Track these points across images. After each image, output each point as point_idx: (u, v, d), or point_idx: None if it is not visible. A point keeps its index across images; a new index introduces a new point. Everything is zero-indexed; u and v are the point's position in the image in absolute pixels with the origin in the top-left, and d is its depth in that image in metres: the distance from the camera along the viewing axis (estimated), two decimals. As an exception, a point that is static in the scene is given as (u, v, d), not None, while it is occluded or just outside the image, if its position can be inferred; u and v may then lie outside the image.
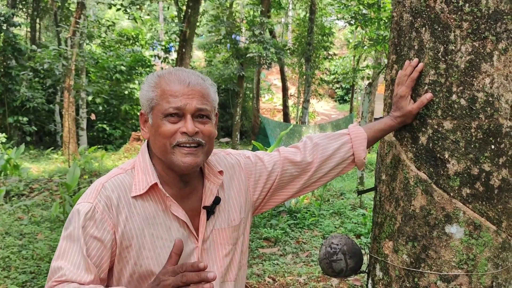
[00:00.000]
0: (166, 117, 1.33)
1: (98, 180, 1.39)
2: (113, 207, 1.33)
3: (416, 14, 1.65)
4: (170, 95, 1.33)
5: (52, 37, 23.87)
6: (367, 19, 9.48)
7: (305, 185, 1.64)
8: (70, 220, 1.33)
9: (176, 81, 1.35)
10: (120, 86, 18.79)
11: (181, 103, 1.32)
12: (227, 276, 1.49)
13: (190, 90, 1.34)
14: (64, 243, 1.30)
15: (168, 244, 1.36)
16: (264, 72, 29.14)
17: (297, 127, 15.48)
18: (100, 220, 1.31)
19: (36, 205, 7.47)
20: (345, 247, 1.84)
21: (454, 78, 1.57)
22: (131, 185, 1.37)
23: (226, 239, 1.48)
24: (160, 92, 1.35)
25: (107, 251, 1.32)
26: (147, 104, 1.37)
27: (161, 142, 1.34)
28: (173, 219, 1.38)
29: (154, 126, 1.36)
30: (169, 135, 1.33)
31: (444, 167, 1.59)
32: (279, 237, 6.03)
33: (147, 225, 1.35)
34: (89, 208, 1.31)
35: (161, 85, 1.35)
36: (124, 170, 1.41)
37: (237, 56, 16.04)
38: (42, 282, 4.36)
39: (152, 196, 1.37)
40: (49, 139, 19.33)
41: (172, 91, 1.33)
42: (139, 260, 1.34)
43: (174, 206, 1.38)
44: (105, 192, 1.34)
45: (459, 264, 1.58)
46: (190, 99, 1.33)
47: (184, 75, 1.36)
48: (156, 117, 1.35)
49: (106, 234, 1.31)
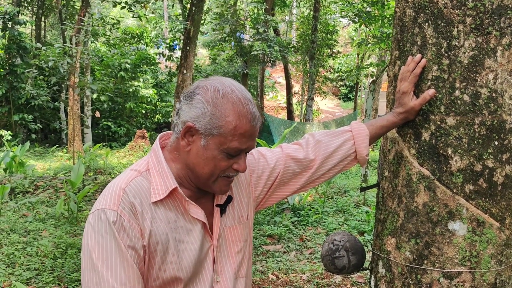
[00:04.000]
0: (227, 153, 1.30)
1: (115, 184, 1.33)
2: (138, 214, 1.29)
3: (419, 10, 1.64)
4: (240, 135, 1.29)
5: (57, 35, 23.94)
6: (371, 17, 9.46)
7: (307, 182, 1.64)
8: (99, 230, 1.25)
9: (248, 118, 1.30)
10: (124, 84, 18.83)
11: (246, 145, 1.32)
12: (239, 272, 1.49)
13: (256, 131, 1.33)
14: (100, 254, 1.24)
15: (189, 247, 1.35)
16: (268, 70, 29.15)
17: (301, 124, 15.47)
18: (129, 228, 1.26)
19: (41, 202, 7.50)
20: (348, 244, 1.84)
21: (457, 74, 1.56)
22: (149, 189, 1.33)
23: (238, 236, 1.48)
24: (229, 125, 1.28)
25: (141, 260, 1.29)
26: (208, 127, 1.28)
27: (211, 171, 1.32)
28: (193, 221, 1.37)
29: (208, 153, 1.31)
30: (224, 169, 1.33)
31: (447, 163, 1.58)
32: (283, 234, 6.03)
33: (170, 230, 1.33)
34: (115, 216, 1.25)
35: (231, 117, 1.28)
36: (140, 172, 1.36)
37: (241, 54, 16.04)
38: (46, 279, 4.37)
39: (171, 200, 1.35)
40: (54, 137, 19.41)
41: (243, 131, 1.29)
42: (163, 265, 1.32)
43: (193, 208, 1.36)
44: (128, 198, 1.29)
45: (462, 261, 1.57)
46: (252, 141, 1.34)
47: (253, 109, 1.32)
48: (215, 146, 1.30)
49: (137, 242, 1.27)
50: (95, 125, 18.59)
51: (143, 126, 19.88)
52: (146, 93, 19.69)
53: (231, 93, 1.30)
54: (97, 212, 1.27)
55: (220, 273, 1.43)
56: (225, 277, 1.44)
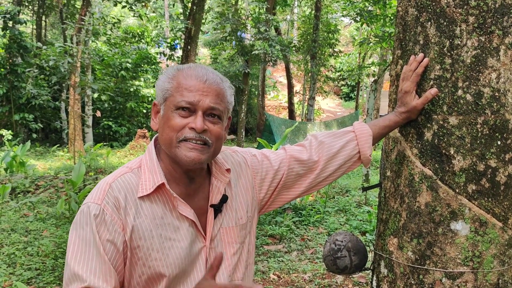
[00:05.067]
0: (178, 110, 1.31)
1: (105, 180, 1.36)
2: (121, 208, 1.30)
3: (421, 9, 1.63)
4: (185, 89, 1.32)
5: (57, 34, 23.95)
6: (373, 16, 9.45)
7: (312, 184, 1.62)
8: (80, 222, 1.29)
9: (194, 76, 1.33)
10: (125, 83, 18.84)
11: (194, 98, 1.31)
12: (234, 275, 1.47)
13: (206, 87, 1.33)
14: (78, 247, 1.27)
15: (176, 245, 1.34)
16: (270, 69, 29.13)
17: (303, 124, 15.46)
18: (110, 222, 1.28)
19: (42, 202, 7.50)
20: (350, 244, 1.83)
21: (460, 73, 1.55)
22: (138, 185, 1.34)
23: (234, 237, 1.47)
24: (176, 84, 1.33)
25: (120, 254, 1.30)
26: (161, 94, 1.36)
27: (168, 134, 1.32)
28: (181, 219, 1.36)
29: (164, 118, 1.34)
30: (177, 128, 1.31)
31: (449, 163, 1.57)
32: (284, 234, 6.02)
33: (155, 226, 1.33)
34: (98, 210, 1.28)
35: (178, 78, 1.34)
36: (131, 169, 1.38)
37: (243, 53, 16.03)
38: (47, 279, 4.37)
39: (159, 196, 1.35)
40: (55, 136, 19.43)
41: (187, 85, 1.32)
42: (147, 262, 1.32)
43: (182, 206, 1.35)
44: (112, 192, 1.31)
45: (465, 261, 1.56)
46: (204, 96, 1.32)
47: (203, 72, 1.35)
48: (168, 108, 1.33)
49: (118, 236, 1.29)
50: (96, 125, 18.58)
51: (144, 126, 19.88)
52: (147, 93, 19.69)
53: (187, 67, 1.37)
54: (83, 206, 1.31)
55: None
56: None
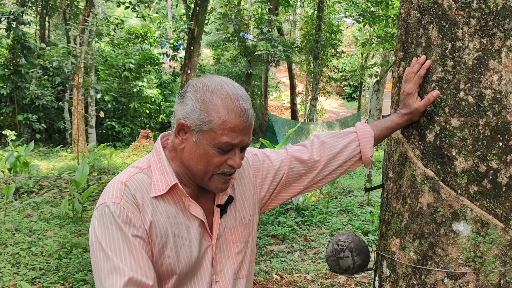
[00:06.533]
0: (219, 148, 1.31)
1: (117, 180, 1.35)
2: (139, 206, 1.31)
3: (423, 11, 1.64)
4: (229, 129, 1.29)
5: (61, 35, 24.01)
6: (375, 17, 9.45)
7: (312, 182, 1.65)
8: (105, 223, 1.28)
9: (237, 112, 1.29)
10: (128, 84, 18.87)
11: (238, 139, 1.30)
12: (239, 273, 1.50)
13: (247, 125, 1.32)
14: (111, 244, 1.25)
15: (187, 244, 1.37)
16: (272, 69, 29.14)
17: (305, 124, 15.44)
18: (133, 218, 1.29)
19: (46, 202, 7.53)
20: (352, 244, 1.84)
21: (462, 75, 1.56)
22: (150, 185, 1.36)
23: (239, 237, 1.49)
24: (218, 120, 1.28)
25: (149, 248, 1.31)
26: (198, 122, 1.29)
27: (205, 167, 1.33)
28: (191, 218, 1.39)
29: (201, 149, 1.32)
30: (217, 165, 1.33)
31: (451, 164, 1.58)
32: (287, 234, 6.03)
33: (169, 225, 1.35)
34: (119, 208, 1.28)
35: (220, 111, 1.28)
36: (141, 169, 1.38)
37: (245, 54, 16.05)
38: (51, 278, 4.39)
39: (171, 196, 1.37)
40: (59, 137, 19.48)
41: (232, 125, 1.29)
42: (160, 259, 1.33)
43: (193, 206, 1.38)
44: (129, 191, 1.31)
45: (467, 261, 1.57)
46: (245, 135, 1.32)
47: (243, 104, 1.30)
48: (207, 143, 1.30)
49: (142, 231, 1.29)
50: (99, 125, 18.63)
51: (147, 126, 19.93)
52: (150, 93, 19.73)
53: (221, 89, 1.31)
54: (101, 206, 1.30)
55: (219, 273, 1.44)
56: (224, 277, 1.45)
